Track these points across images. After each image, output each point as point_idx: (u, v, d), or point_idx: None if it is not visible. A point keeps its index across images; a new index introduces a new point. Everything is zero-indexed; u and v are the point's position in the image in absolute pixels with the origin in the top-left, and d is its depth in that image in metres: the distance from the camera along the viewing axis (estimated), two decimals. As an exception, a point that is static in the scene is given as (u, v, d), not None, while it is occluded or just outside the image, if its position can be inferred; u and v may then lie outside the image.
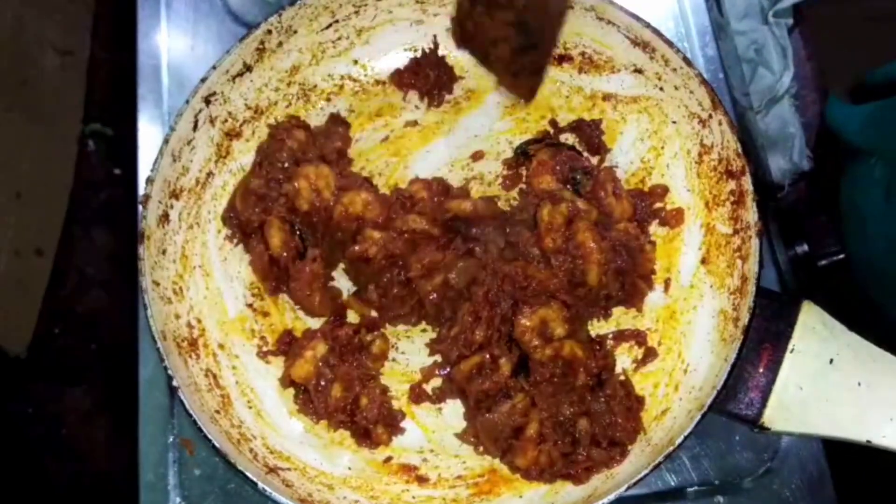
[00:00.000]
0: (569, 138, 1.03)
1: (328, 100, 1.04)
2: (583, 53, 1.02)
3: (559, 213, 0.91)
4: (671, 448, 0.81)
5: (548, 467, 0.87)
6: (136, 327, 0.98)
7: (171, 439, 0.95)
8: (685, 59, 0.94)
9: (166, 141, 0.91)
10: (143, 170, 1.03)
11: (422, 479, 0.91)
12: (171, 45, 1.10)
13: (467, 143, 1.04)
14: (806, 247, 1.06)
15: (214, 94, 0.95)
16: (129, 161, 1.04)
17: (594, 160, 1.01)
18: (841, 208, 1.04)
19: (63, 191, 1.91)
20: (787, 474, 0.95)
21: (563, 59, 1.03)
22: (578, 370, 0.89)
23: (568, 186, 0.96)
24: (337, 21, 1.00)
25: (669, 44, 0.94)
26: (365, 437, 0.91)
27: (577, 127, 1.02)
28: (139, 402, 0.97)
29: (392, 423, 0.92)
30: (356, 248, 0.92)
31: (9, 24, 1.81)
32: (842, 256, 1.05)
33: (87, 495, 1.76)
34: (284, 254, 0.92)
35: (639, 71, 1.00)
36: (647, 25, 0.95)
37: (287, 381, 0.93)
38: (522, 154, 1.02)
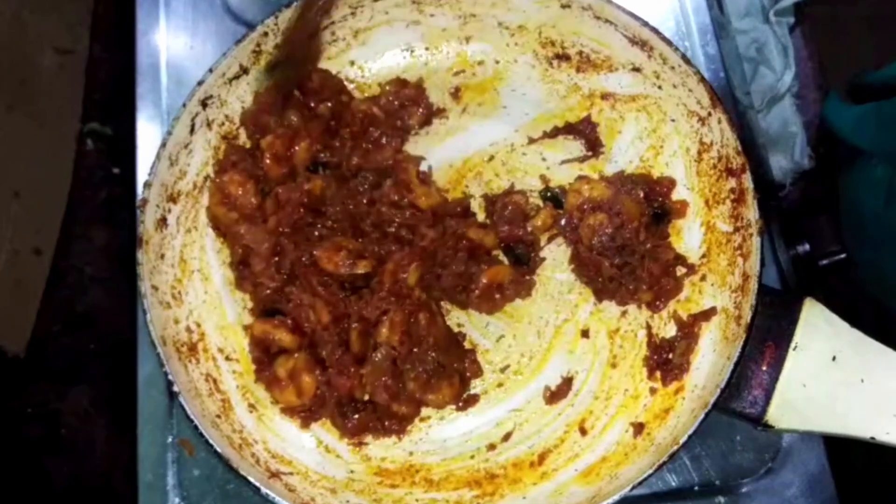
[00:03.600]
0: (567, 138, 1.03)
1: (325, 101, 1.04)
2: (580, 52, 1.02)
3: None
4: (675, 447, 0.81)
5: None
6: (135, 327, 0.98)
7: (170, 439, 0.95)
8: (683, 57, 0.93)
9: (163, 145, 0.91)
10: (142, 169, 1.03)
11: (425, 482, 0.91)
12: (170, 44, 1.10)
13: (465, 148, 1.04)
14: (807, 246, 1.06)
15: (211, 97, 0.95)
16: (128, 160, 1.04)
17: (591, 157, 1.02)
18: (841, 208, 1.04)
19: (62, 190, 1.90)
20: (789, 474, 0.95)
21: (561, 58, 1.02)
22: None
23: None
24: (333, 22, 1.00)
25: (667, 42, 0.94)
26: None
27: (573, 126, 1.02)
28: (138, 401, 0.97)
29: None
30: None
31: (8, 23, 1.80)
32: (843, 256, 1.05)
33: (86, 495, 1.76)
34: None
35: (637, 69, 0.99)
36: (645, 24, 0.94)
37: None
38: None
